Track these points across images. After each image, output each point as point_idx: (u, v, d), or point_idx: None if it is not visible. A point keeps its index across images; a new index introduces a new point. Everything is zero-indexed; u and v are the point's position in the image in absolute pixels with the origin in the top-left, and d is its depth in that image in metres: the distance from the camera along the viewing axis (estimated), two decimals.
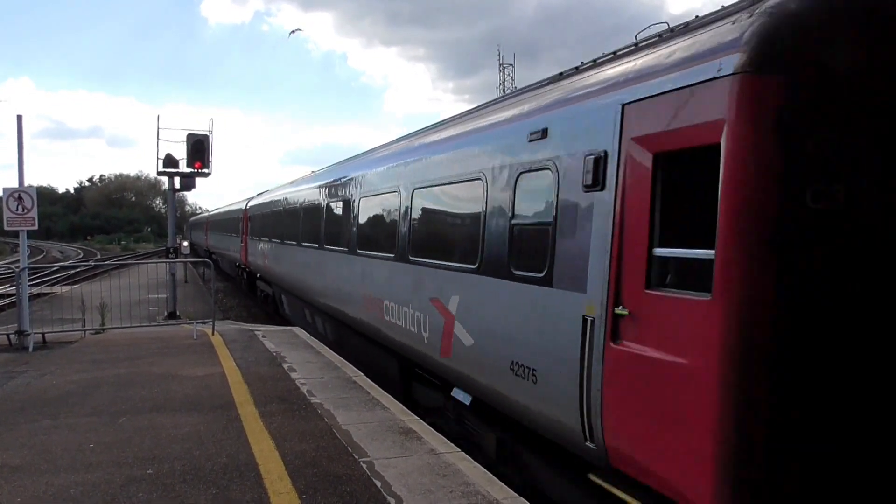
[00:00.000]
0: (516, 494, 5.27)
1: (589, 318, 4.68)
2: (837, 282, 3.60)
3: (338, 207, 12.84)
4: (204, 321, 14.22)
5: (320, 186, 14.51)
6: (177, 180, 18.31)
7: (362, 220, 10.95)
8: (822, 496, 3.64)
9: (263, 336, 13.22)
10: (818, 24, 3.69)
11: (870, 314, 3.64)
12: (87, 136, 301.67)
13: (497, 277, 6.14)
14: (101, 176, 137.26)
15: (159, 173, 18.41)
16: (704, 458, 3.70)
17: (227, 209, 38.82)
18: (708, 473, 3.68)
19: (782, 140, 3.56)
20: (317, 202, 14.43)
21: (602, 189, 4.70)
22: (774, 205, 3.56)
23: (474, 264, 6.60)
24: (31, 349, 11.70)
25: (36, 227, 12.37)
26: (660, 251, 4.19)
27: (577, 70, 6.08)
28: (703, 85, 3.89)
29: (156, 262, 23.88)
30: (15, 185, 12.12)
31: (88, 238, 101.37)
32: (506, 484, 5.52)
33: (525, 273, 5.69)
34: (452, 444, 6.51)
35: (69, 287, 25.45)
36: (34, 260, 49.52)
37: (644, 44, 5.13)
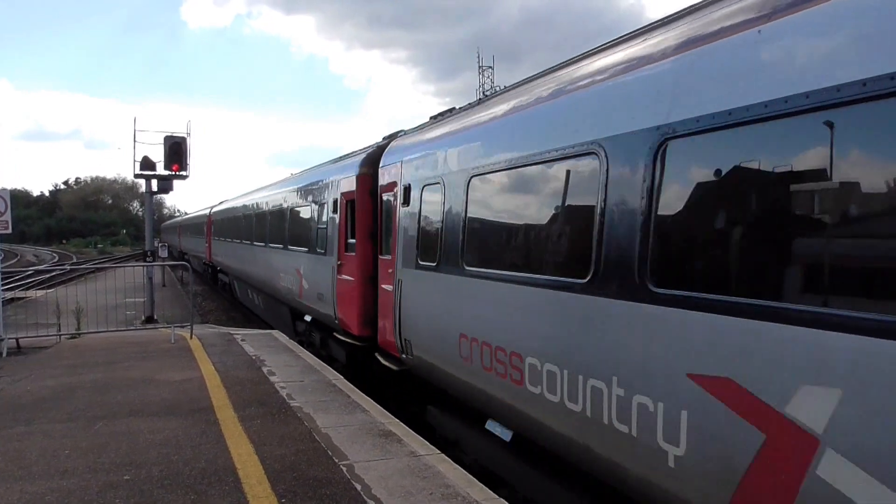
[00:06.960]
0: (496, 496, 5.30)
1: None
2: None
3: None
4: (182, 325, 14.11)
5: None
6: (154, 183, 18.17)
7: None
8: None
9: (242, 340, 13.14)
10: None
11: None
12: (65, 139, 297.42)
13: None
14: (77, 178, 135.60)
15: (136, 176, 18.26)
16: None
17: (255, 196, 21.47)
18: None
19: None
20: None
21: None
22: None
23: None
24: (4, 354, 11.52)
25: (9, 231, 12.22)
26: None
27: None
28: None
29: (133, 266, 23.57)
30: None
31: (64, 242, 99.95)
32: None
33: None
34: (432, 447, 6.52)
35: (44, 291, 25.06)
36: (8, 264, 48.62)
37: None
